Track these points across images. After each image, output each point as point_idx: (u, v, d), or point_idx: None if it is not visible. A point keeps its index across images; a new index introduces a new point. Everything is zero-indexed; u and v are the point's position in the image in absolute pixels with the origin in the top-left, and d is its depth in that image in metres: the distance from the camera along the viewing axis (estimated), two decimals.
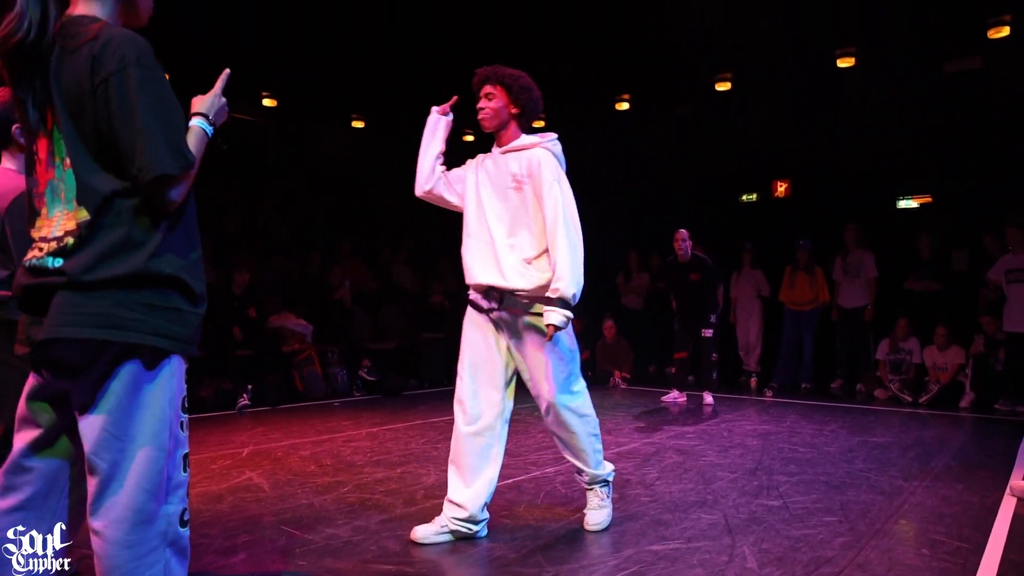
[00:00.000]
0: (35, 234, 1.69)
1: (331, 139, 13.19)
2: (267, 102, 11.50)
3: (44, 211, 1.68)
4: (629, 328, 9.62)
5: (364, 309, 8.92)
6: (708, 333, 7.21)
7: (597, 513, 3.22)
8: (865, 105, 8.96)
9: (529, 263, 2.97)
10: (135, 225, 1.61)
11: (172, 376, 1.69)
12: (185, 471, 1.74)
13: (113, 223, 1.59)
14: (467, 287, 3.14)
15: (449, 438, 4.38)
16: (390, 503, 3.55)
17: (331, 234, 10.67)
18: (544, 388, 3.08)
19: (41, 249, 1.64)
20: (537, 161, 2.94)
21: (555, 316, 2.86)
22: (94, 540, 1.62)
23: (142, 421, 1.62)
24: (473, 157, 3.23)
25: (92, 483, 1.62)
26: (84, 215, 1.59)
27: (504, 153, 3.05)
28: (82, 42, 1.58)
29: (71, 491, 1.82)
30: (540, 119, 2.66)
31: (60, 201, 1.64)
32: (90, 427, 1.60)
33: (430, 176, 3.18)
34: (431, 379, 8.72)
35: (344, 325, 8.15)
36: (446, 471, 3.17)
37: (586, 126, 12.02)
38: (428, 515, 3.32)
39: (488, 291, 3.01)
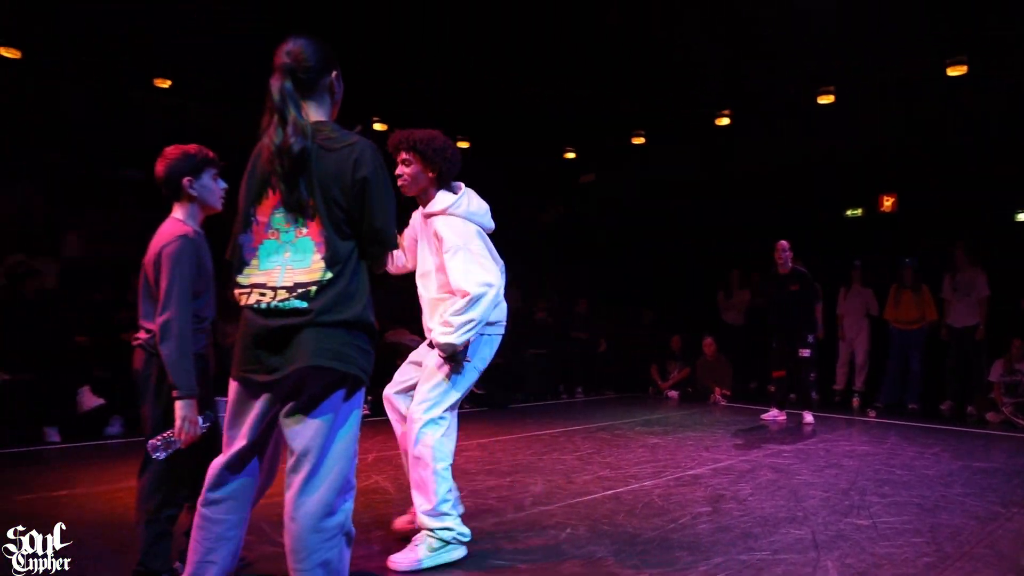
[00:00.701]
0: (243, 280, 2.15)
1: None
2: (377, 126, 12.30)
3: (255, 263, 2.14)
4: (729, 345, 9.71)
5: None
6: (806, 353, 7.17)
7: (403, 555, 3.07)
8: (977, 114, 8.75)
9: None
10: (358, 280, 2.13)
11: (361, 401, 2.19)
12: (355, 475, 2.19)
13: (346, 277, 2.10)
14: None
15: (554, 451, 4.78)
16: (502, 508, 3.95)
17: None
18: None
19: (264, 295, 2.09)
20: (442, 229, 3.18)
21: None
22: (290, 523, 2.06)
23: (343, 434, 2.11)
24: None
25: (296, 478, 2.07)
26: (328, 274, 2.07)
27: (426, 218, 3.31)
28: (342, 145, 2.12)
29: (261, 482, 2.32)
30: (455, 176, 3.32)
31: (283, 260, 2.11)
32: (306, 431, 2.07)
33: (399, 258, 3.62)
34: (535, 394, 9.15)
35: None
36: (552, 481, 3.55)
37: (685, 141, 12.18)
38: (535, 520, 3.71)
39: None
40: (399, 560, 3.06)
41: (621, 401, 9.16)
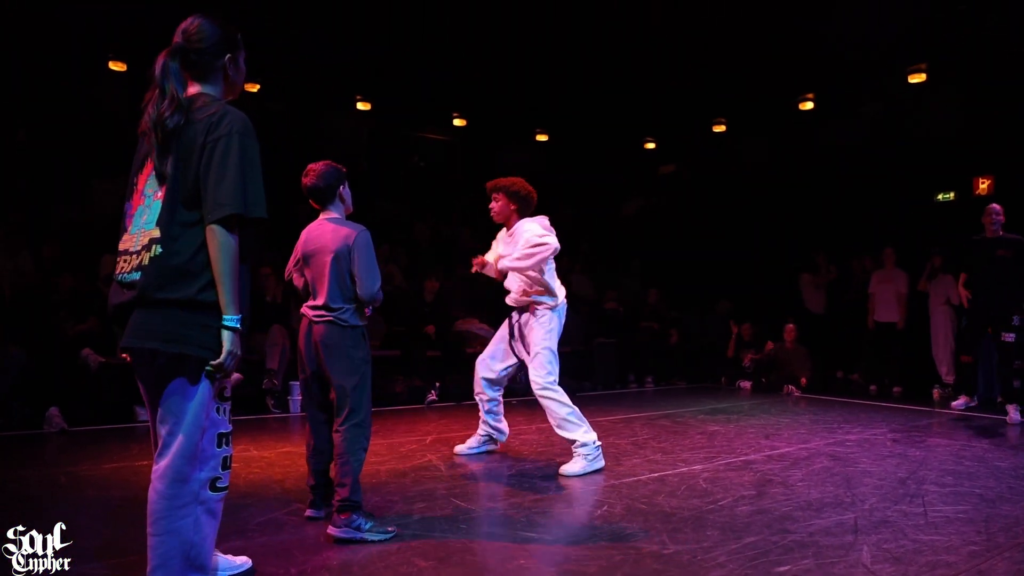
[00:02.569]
0: (119, 247, 2.25)
1: (516, 153, 14.06)
2: (457, 122, 12.56)
3: (129, 228, 2.25)
4: (810, 333, 9.43)
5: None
6: (1009, 338, 6.33)
7: (570, 465, 4.37)
8: None
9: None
10: (201, 257, 2.15)
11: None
12: (220, 447, 2.26)
13: (180, 249, 2.13)
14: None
15: (611, 435, 4.87)
16: (545, 486, 4.04)
17: None
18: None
19: (125, 262, 2.20)
20: (524, 232, 4.52)
21: None
22: (151, 490, 2.19)
23: (191, 406, 2.17)
24: None
25: (158, 450, 2.22)
26: (156, 234, 2.13)
27: (510, 235, 4.70)
28: (207, 114, 2.18)
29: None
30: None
31: (141, 222, 2.20)
32: (162, 403, 2.19)
33: None
34: (604, 382, 9.17)
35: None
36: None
37: (768, 128, 11.89)
38: (575, 498, 3.78)
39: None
40: (567, 468, 4.35)
41: (691, 391, 9.06)
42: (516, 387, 8.33)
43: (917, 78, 9.48)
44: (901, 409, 7.39)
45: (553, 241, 4.43)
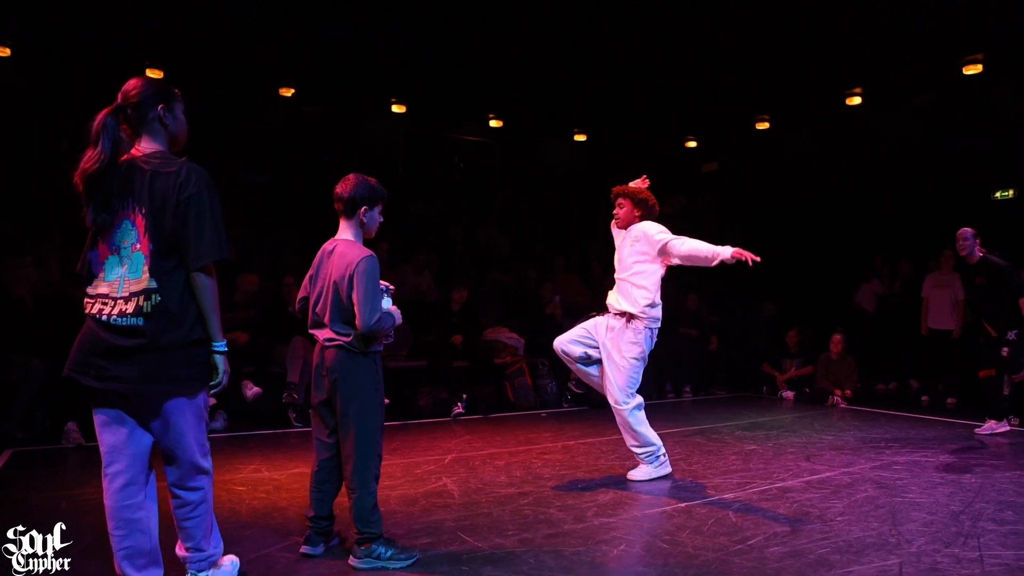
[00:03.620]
0: (91, 291, 2.53)
1: (554, 154, 13.80)
2: (493, 123, 12.33)
3: (102, 275, 2.52)
4: (860, 335, 8.97)
5: (577, 323, 9.24)
6: (1003, 352, 6.41)
7: (637, 471, 4.70)
8: None
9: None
10: (186, 299, 2.50)
11: (203, 399, 2.64)
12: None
13: (171, 296, 2.47)
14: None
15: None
16: (561, 518, 3.77)
17: (549, 248, 11.15)
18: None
19: (105, 305, 2.47)
20: (647, 228, 4.73)
21: None
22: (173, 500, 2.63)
23: (186, 429, 2.58)
24: None
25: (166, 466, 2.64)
26: (152, 284, 2.45)
27: (630, 231, 4.83)
28: (171, 170, 2.49)
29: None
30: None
31: (121, 271, 2.49)
32: (161, 432, 2.59)
33: None
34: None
35: (555, 338, 8.50)
36: (625, 490, 4.03)
37: (815, 123, 11.42)
38: (592, 534, 3.51)
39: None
40: (634, 474, 4.65)
41: (731, 402, 8.68)
42: (547, 398, 8.10)
43: (973, 69, 8.93)
44: (954, 424, 6.93)
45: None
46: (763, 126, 11.78)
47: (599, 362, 4.78)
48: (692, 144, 13.46)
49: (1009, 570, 3.04)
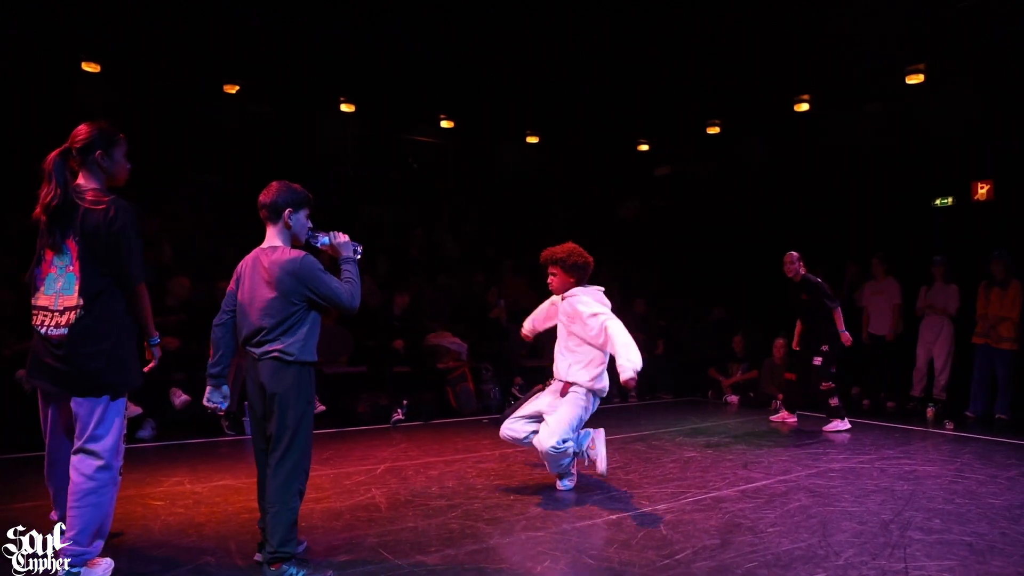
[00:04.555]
0: (33, 303, 3.01)
1: (507, 155, 13.67)
2: (445, 124, 12.14)
3: (42, 290, 2.99)
4: None
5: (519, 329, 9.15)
6: (817, 361, 7.04)
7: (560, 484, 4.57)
8: None
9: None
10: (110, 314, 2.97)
11: (122, 400, 3.05)
12: (124, 443, 3.07)
13: (97, 312, 2.93)
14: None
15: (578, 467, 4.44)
16: (488, 533, 3.65)
17: (500, 251, 11.03)
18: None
19: (46, 317, 2.95)
20: (581, 304, 4.51)
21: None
22: (74, 474, 2.90)
23: (110, 420, 2.97)
24: None
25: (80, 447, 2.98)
26: (80, 301, 2.91)
27: (564, 299, 4.63)
28: (101, 207, 2.93)
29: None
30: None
31: (56, 288, 2.96)
32: (86, 425, 2.95)
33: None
34: None
35: (499, 343, 8.41)
36: (558, 501, 3.89)
37: (761, 130, 11.50)
38: (518, 549, 3.39)
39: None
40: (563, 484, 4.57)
41: (675, 406, 8.66)
42: (490, 404, 7.98)
43: (915, 79, 9.06)
44: (892, 428, 7.01)
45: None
46: (714, 131, 11.83)
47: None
48: (644, 148, 13.47)
49: None
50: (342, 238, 3.25)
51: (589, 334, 4.40)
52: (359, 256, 3.28)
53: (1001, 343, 7.43)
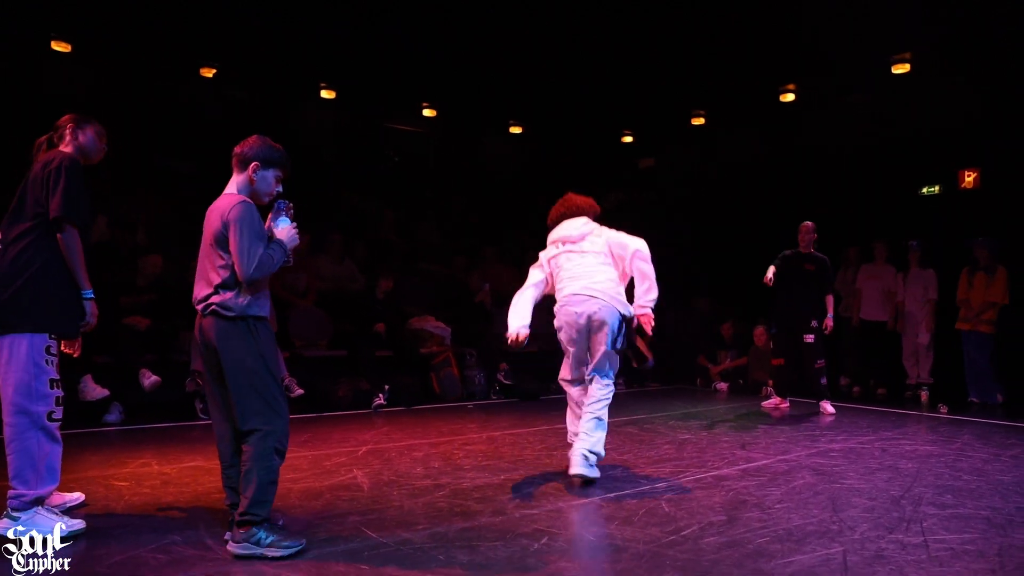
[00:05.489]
0: None
1: (490, 146, 13.43)
2: (427, 112, 11.87)
3: None
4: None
5: (508, 312, 8.91)
6: (810, 339, 6.86)
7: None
8: None
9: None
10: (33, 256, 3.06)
11: (43, 338, 3.05)
12: (52, 388, 3.03)
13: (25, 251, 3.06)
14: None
15: (567, 446, 4.23)
16: (478, 511, 3.42)
17: (482, 240, 10.80)
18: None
19: None
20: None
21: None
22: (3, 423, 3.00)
23: (25, 362, 3.00)
24: None
25: None
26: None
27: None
28: (49, 158, 3.11)
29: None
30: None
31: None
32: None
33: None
34: None
35: (484, 328, 8.17)
36: (551, 481, 3.65)
37: (747, 120, 11.37)
38: (512, 527, 3.16)
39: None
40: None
41: (665, 393, 8.48)
42: (475, 390, 7.74)
43: (901, 68, 8.96)
44: (887, 413, 6.87)
45: None
46: (699, 122, 11.69)
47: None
48: (628, 139, 13.30)
49: (955, 554, 2.83)
50: (288, 232, 2.94)
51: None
52: (288, 259, 2.93)
53: (979, 326, 7.38)
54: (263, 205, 3.01)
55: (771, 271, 6.88)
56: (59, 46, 8.42)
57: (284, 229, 2.93)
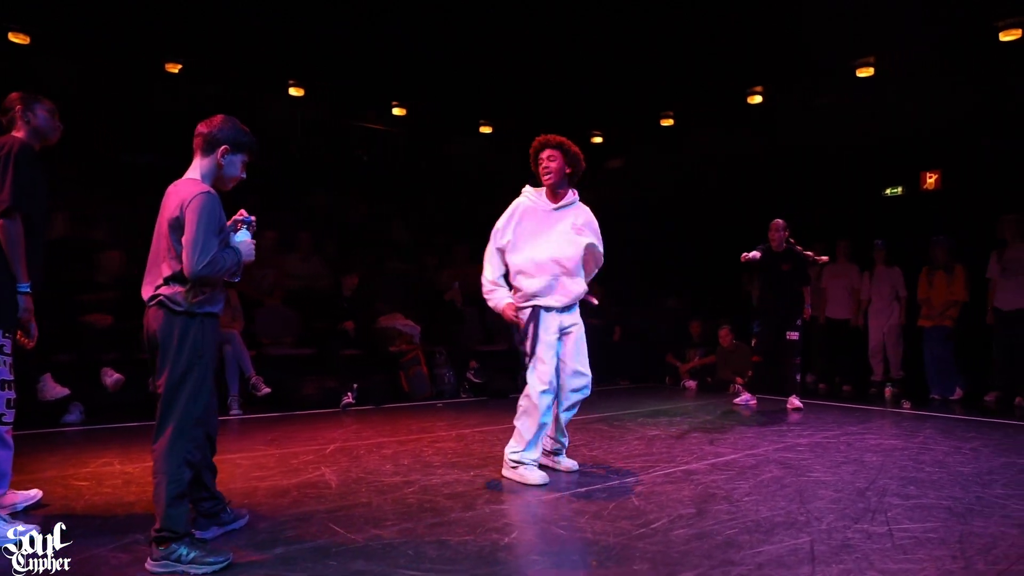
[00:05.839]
0: None
1: (459, 145, 13.38)
2: (397, 111, 11.78)
3: None
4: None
5: (478, 311, 8.88)
6: (794, 336, 6.92)
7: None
8: None
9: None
10: None
11: None
12: (3, 390, 3.05)
13: None
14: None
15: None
16: (448, 506, 3.39)
17: (452, 238, 10.76)
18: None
19: None
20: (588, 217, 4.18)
21: None
22: None
23: None
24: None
25: None
26: None
27: (559, 209, 4.07)
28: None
29: None
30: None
31: None
32: None
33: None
34: None
35: (453, 326, 8.14)
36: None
37: (716, 121, 11.47)
38: (481, 522, 3.14)
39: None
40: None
41: (634, 391, 8.52)
42: (444, 388, 7.71)
43: (865, 72, 9.12)
44: (852, 408, 6.97)
45: None
46: (668, 123, 11.76)
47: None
48: (598, 140, 13.35)
49: (918, 542, 2.87)
50: (246, 244, 2.82)
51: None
52: (237, 271, 2.79)
53: (943, 321, 7.54)
54: (226, 191, 2.90)
55: (752, 253, 6.83)
56: (17, 38, 8.19)
57: (243, 241, 2.80)
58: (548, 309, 3.93)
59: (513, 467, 3.92)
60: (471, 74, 9.90)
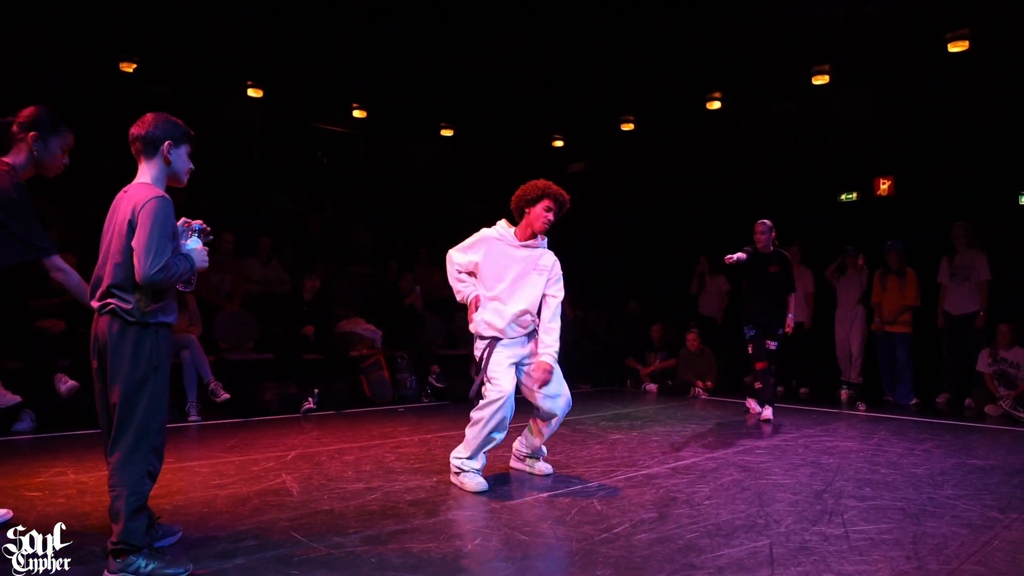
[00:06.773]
0: None
1: (420, 148, 13.33)
2: (357, 113, 11.69)
3: None
4: (709, 337, 9.14)
5: (439, 315, 8.86)
6: (772, 345, 6.69)
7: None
8: (981, 92, 8.17)
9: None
10: None
11: None
12: None
13: None
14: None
15: (500, 447, 4.19)
16: (411, 513, 3.38)
17: (413, 242, 10.72)
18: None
19: None
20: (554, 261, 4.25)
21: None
22: None
23: None
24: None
25: None
26: None
27: (525, 247, 4.17)
28: None
29: None
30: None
31: None
32: None
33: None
34: None
35: (415, 331, 8.10)
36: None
37: (674, 127, 11.62)
38: (444, 528, 3.14)
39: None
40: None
41: (595, 395, 8.58)
42: (406, 393, 7.67)
43: (821, 80, 9.33)
44: (809, 411, 7.12)
45: None
46: (628, 127, 11.88)
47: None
48: (559, 143, 13.42)
49: (873, 543, 2.94)
50: (199, 252, 2.74)
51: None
52: (191, 279, 2.73)
53: (896, 326, 7.73)
54: (183, 187, 2.85)
55: (737, 255, 6.44)
56: None
57: (195, 248, 2.73)
58: (502, 342, 4.09)
59: (456, 472, 3.98)
60: (432, 76, 9.88)
